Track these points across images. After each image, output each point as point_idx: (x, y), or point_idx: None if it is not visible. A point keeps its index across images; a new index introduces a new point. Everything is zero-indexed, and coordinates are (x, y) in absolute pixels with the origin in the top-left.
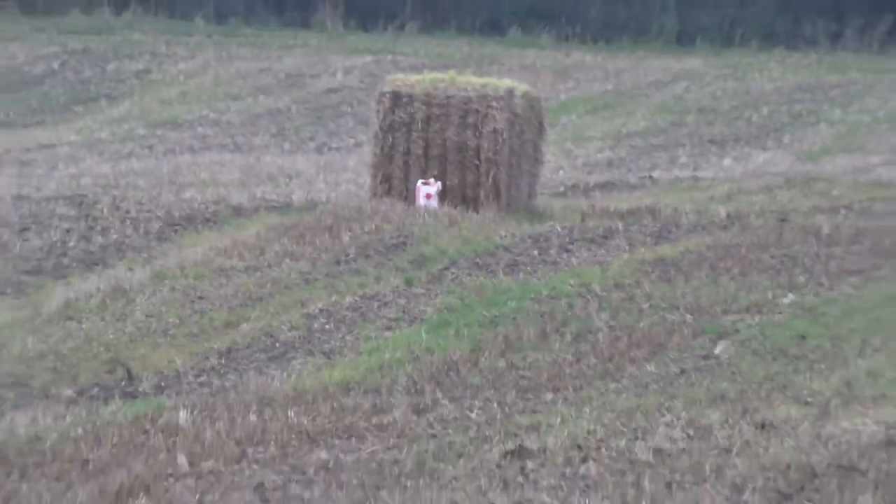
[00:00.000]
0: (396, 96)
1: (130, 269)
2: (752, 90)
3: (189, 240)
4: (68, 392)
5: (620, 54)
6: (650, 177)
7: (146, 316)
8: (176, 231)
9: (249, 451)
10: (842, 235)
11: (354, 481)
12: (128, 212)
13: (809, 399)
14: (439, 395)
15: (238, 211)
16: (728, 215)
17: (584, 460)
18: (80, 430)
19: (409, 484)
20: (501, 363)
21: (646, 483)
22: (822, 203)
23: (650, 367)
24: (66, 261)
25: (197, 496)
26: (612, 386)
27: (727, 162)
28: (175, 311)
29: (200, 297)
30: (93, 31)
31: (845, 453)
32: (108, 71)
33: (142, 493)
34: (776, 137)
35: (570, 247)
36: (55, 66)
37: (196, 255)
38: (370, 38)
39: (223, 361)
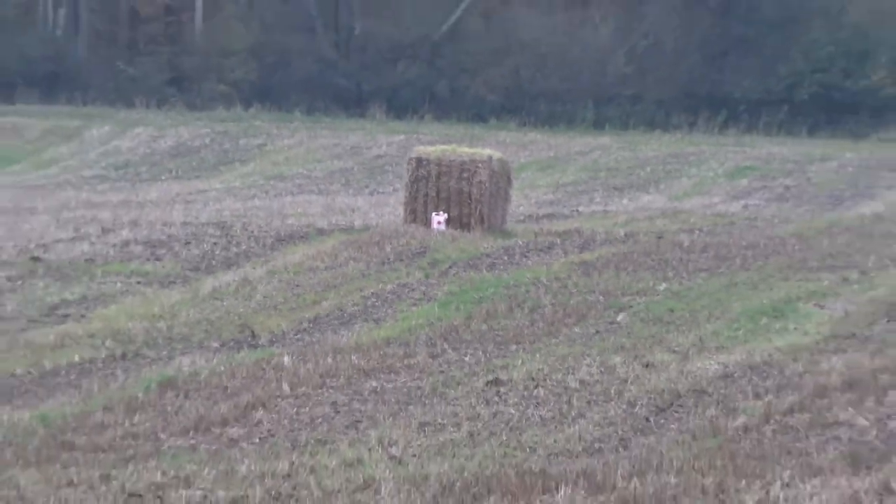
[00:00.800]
0: (419, 160)
1: (254, 268)
2: (640, 157)
3: (290, 250)
4: (214, 344)
5: (558, 134)
6: (577, 210)
7: (263, 297)
8: (282, 244)
9: (327, 381)
10: (696, 247)
11: (393, 400)
12: (252, 232)
13: (676, 349)
14: (446, 346)
15: (321, 231)
16: (625, 234)
17: (536, 387)
18: (222, 368)
19: (426, 401)
20: (484, 326)
21: (574, 401)
22: (683, 226)
23: (577, 329)
24: (213, 262)
25: (295, 409)
26: (553, 341)
27: (625, 202)
28: (281, 294)
29: (297, 286)
30: (230, 119)
31: (699, 382)
32: (240, 144)
33: (260, 407)
34: (655, 186)
35: (527, 254)
36: (207, 141)
37: (295, 259)
38: (403, 124)
39: (311, 325)
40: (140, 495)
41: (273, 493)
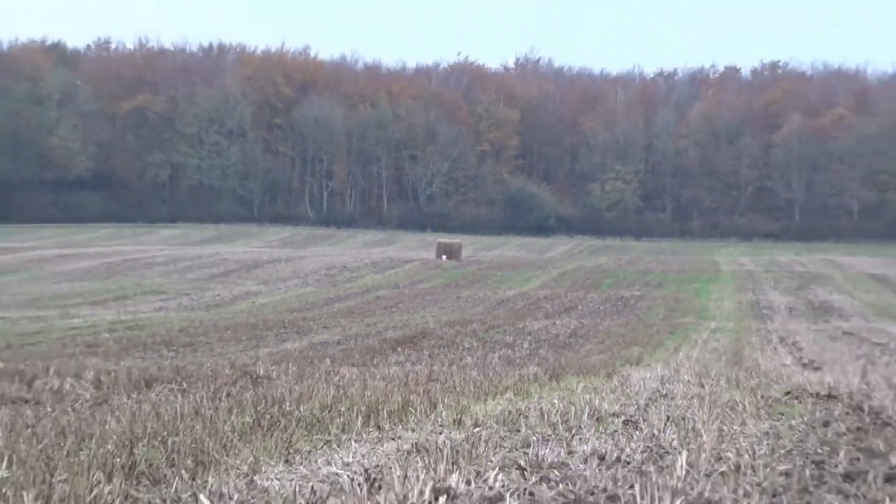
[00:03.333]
0: (440, 242)
1: (398, 270)
2: (494, 242)
3: (406, 266)
4: (387, 288)
5: (476, 238)
6: (479, 255)
7: (400, 277)
8: (403, 264)
9: (416, 297)
10: (508, 264)
11: (432, 301)
12: (398, 260)
13: (476, 291)
14: (447, 289)
15: (413, 261)
16: (490, 260)
17: (469, 298)
18: (389, 293)
19: (441, 303)
20: (456, 284)
21: (479, 302)
22: (506, 259)
23: (477, 285)
24: (387, 267)
25: (408, 303)
26: (473, 287)
27: (493, 253)
28: (404, 276)
29: (408, 274)
30: (391, 233)
31: (505, 298)
32: (393, 239)
33: (400, 304)
34: (499, 250)
35: (467, 265)
36: (384, 238)
37: (407, 268)
38: (436, 233)
39: (412, 283)
40: (368, 324)
41: (400, 325)
